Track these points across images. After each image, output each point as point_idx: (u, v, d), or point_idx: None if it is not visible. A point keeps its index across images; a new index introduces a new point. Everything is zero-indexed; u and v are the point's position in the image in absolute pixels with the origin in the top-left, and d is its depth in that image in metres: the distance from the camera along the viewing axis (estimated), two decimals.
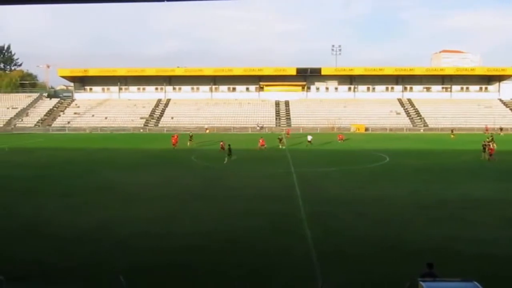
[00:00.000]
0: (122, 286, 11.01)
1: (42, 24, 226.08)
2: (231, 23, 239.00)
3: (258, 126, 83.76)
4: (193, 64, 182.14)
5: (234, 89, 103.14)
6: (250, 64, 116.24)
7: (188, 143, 53.18)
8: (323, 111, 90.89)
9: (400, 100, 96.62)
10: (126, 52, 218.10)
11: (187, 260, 15.59)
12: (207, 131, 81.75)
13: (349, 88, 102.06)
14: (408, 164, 38.90)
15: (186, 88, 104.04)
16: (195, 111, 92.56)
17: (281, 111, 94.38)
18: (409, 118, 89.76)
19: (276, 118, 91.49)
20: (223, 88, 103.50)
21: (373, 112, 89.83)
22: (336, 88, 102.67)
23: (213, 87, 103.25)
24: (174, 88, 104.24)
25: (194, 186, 29.61)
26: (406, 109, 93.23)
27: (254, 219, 20.98)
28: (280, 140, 53.77)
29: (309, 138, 54.15)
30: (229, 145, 40.53)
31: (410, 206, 23.33)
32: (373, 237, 18.04)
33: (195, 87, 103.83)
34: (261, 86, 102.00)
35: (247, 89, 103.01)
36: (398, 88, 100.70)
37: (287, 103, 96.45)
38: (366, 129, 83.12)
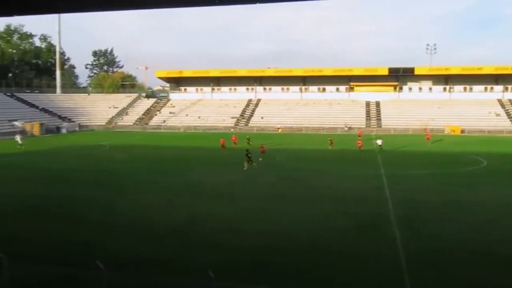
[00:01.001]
0: (211, 280, 11.51)
1: (141, 28, 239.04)
2: (320, 23, 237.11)
3: (346, 126, 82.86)
4: (282, 65, 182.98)
5: (324, 89, 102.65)
6: (340, 64, 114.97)
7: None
8: (415, 112, 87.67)
9: (500, 101, 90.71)
10: (218, 53, 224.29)
11: (270, 258, 16.00)
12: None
13: (444, 88, 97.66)
14: (508, 168, 36.84)
15: (276, 89, 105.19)
16: (285, 111, 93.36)
17: (371, 111, 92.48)
18: (510, 120, 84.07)
19: (367, 119, 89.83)
20: (313, 88, 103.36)
21: (469, 113, 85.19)
22: (430, 89, 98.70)
23: (303, 87, 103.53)
24: (264, 89, 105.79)
25: (278, 185, 30.13)
26: (507, 110, 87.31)
27: (341, 219, 21.05)
28: (331, 141, 52.85)
29: (379, 142, 51.10)
30: (247, 150, 38.52)
31: (507, 212, 22.33)
32: (466, 242, 17.55)
33: (285, 87, 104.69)
34: (351, 86, 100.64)
35: (337, 89, 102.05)
36: (498, 88, 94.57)
37: (377, 104, 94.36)
38: (462, 131, 79.13)
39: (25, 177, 33.28)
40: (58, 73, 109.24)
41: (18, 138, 56.27)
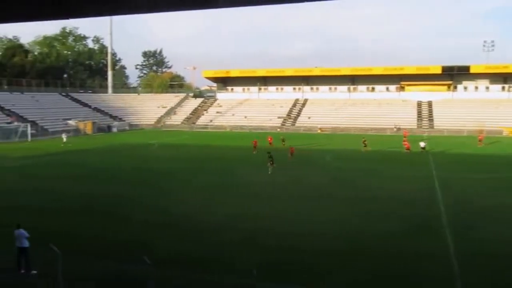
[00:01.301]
0: (254, 278, 11.39)
1: (189, 29, 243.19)
2: (369, 21, 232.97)
3: (395, 127, 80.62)
4: (330, 64, 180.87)
5: (373, 89, 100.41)
6: (390, 63, 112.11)
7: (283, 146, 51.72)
8: (470, 112, 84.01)
9: None
10: (264, 52, 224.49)
11: (314, 259, 15.65)
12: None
13: (503, 88, 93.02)
14: None
15: (323, 88, 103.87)
16: (332, 111, 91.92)
17: (423, 112, 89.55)
18: None
19: (418, 119, 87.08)
20: (362, 88, 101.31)
21: None
22: (487, 88, 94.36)
23: (351, 87, 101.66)
24: (311, 88, 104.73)
25: (325, 186, 29.64)
26: None
27: (390, 221, 20.45)
28: (365, 142, 50.24)
29: (422, 144, 47.92)
30: (268, 152, 35.74)
31: None
32: None
33: (332, 87, 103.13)
34: (402, 85, 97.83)
35: (387, 89, 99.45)
36: None
37: (430, 104, 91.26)
38: None
39: (76, 175, 34.08)
40: (109, 73, 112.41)
41: (64, 136, 58.77)
